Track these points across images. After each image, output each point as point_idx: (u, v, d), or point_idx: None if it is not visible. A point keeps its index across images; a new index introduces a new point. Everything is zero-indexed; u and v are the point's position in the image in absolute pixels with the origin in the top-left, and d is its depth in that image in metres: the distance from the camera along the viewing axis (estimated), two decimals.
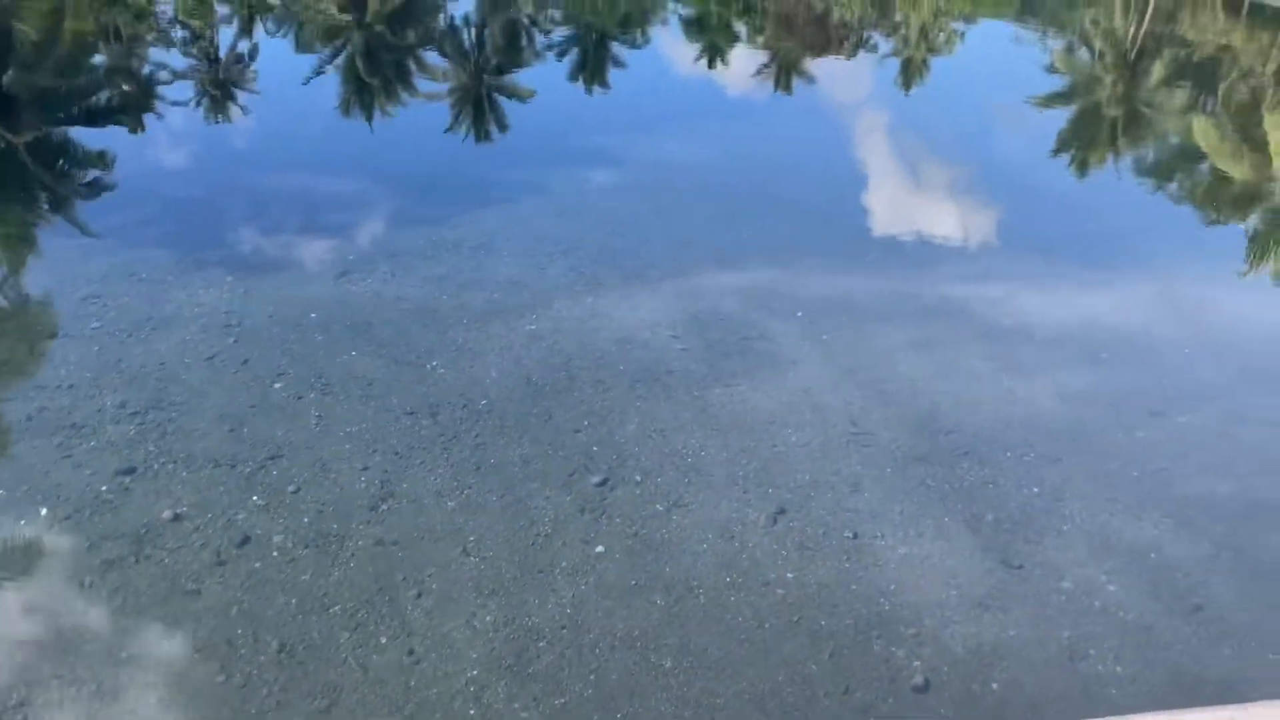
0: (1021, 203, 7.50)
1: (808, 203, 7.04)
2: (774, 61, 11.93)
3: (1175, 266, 6.45)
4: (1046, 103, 10.70)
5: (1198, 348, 5.26)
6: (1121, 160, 9.17)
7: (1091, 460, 4.20)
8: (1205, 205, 8.02)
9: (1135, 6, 16.16)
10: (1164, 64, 12.83)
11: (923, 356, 4.88)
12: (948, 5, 15.86)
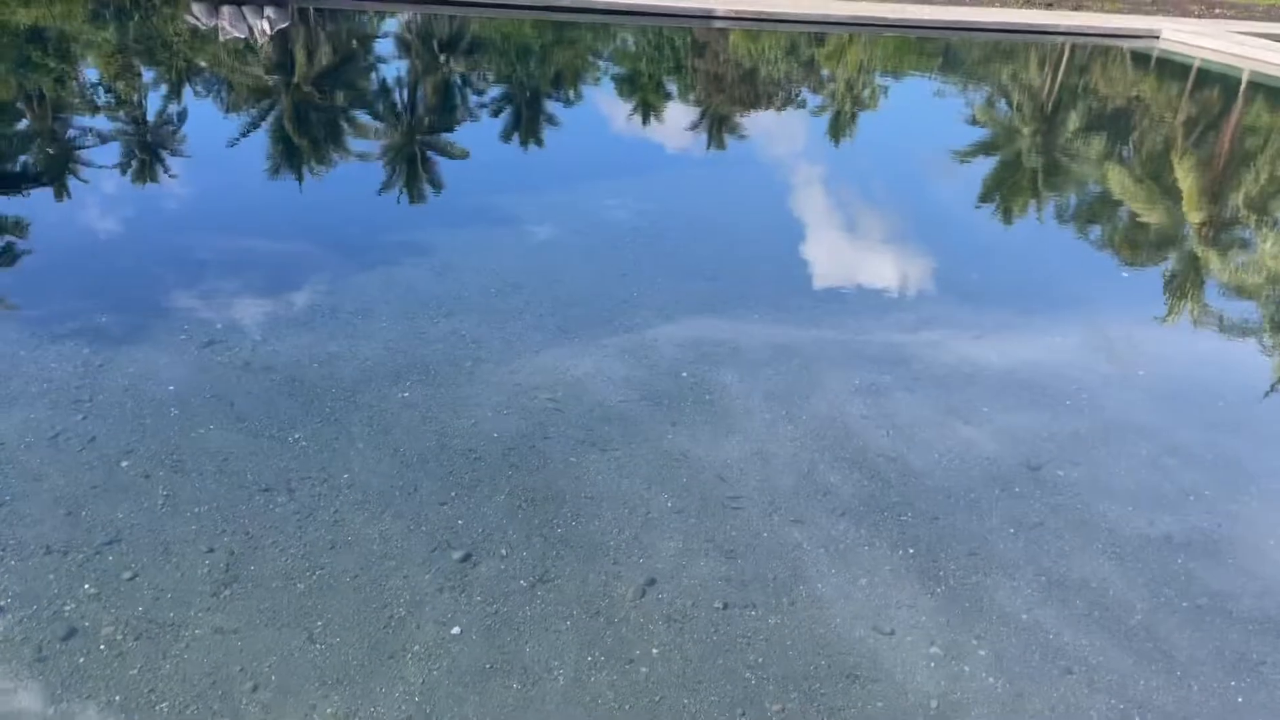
0: (951, 251, 7.67)
1: (729, 254, 7.04)
2: (705, 117, 12.07)
3: (1099, 311, 6.61)
4: (969, 154, 11.03)
5: (1112, 392, 5.35)
6: (1044, 208, 9.46)
7: (968, 518, 4.15)
8: (1124, 251, 8.28)
9: (1050, 60, 16.90)
10: (1079, 115, 13.34)
11: (800, 412, 4.83)
12: (870, 61, 16.28)
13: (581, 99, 12.69)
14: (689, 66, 15.24)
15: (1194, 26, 17.86)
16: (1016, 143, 11.85)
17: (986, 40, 17.61)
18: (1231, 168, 11.06)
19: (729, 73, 14.73)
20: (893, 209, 8.85)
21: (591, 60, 15.36)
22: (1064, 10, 21.31)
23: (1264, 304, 7.18)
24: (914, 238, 7.98)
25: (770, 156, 10.66)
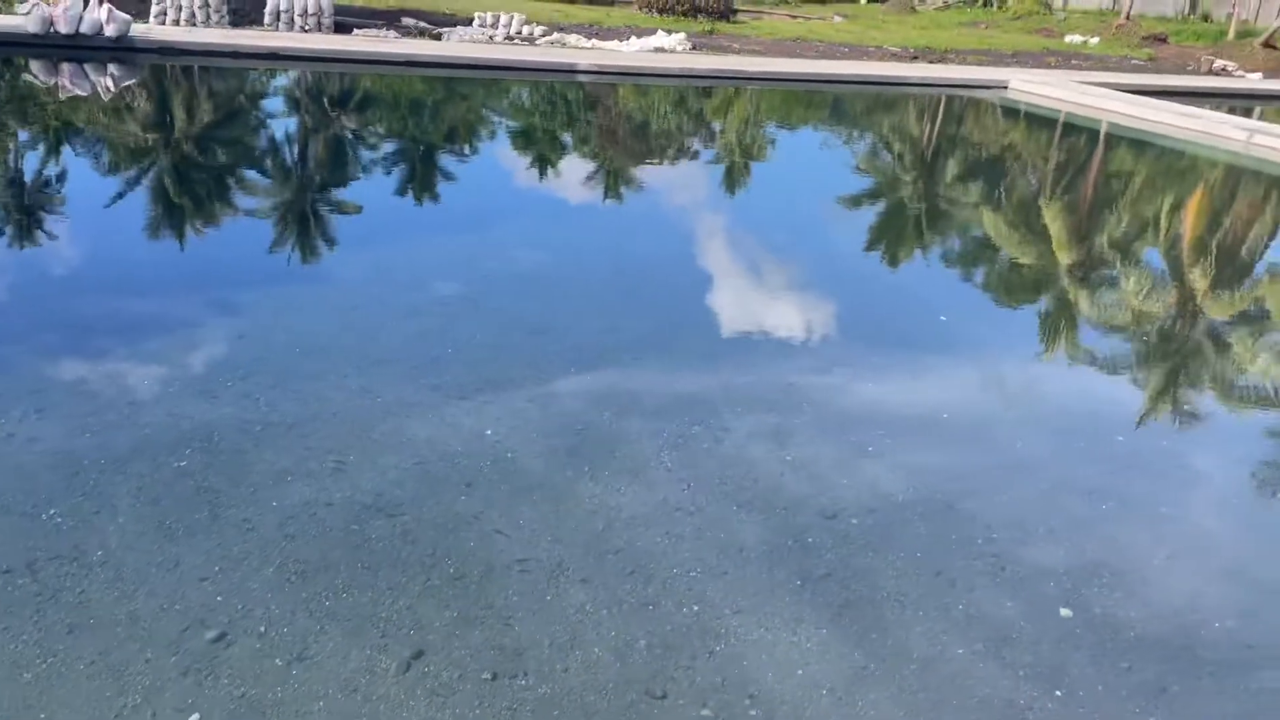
0: (845, 295, 7.86)
1: (622, 303, 7.05)
2: (601, 170, 12.10)
3: (984, 349, 6.91)
4: (855, 202, 11.32)
5: (1003, 428, 5.57)
6: (929, 252, 9.75)
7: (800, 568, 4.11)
8: (1003, 292, 8.63)
9: (928, 111, 17.48)
10: (957, 163, 13.88)
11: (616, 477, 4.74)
12: (756, 114, 16.66)
13: (477, 153, 12.63)
14: (582, 120, 15.33)
15: (1039, 76, 18.78)
16: (896, 190, 12.18)
17: (848, 92, 18.18)
18: (1091, 211, 11.50)
19: (621, 126, 14.87)
20: (784, 256, 9.00)
21: (485, 114, 15.32)
22: (921, 63, 22.23)
23: (1132, 340, 7.47)
24: (808, 283, 8.14)
25: (665, 207, 10.74)
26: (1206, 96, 20.04)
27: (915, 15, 34.06)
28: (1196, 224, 11.36)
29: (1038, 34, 30.42)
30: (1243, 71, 25.44)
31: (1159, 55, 27.74)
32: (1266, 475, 5.41)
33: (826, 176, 12.98)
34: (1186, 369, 7.05)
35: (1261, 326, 8.04)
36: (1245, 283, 9.25)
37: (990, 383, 6.36)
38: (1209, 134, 14.64)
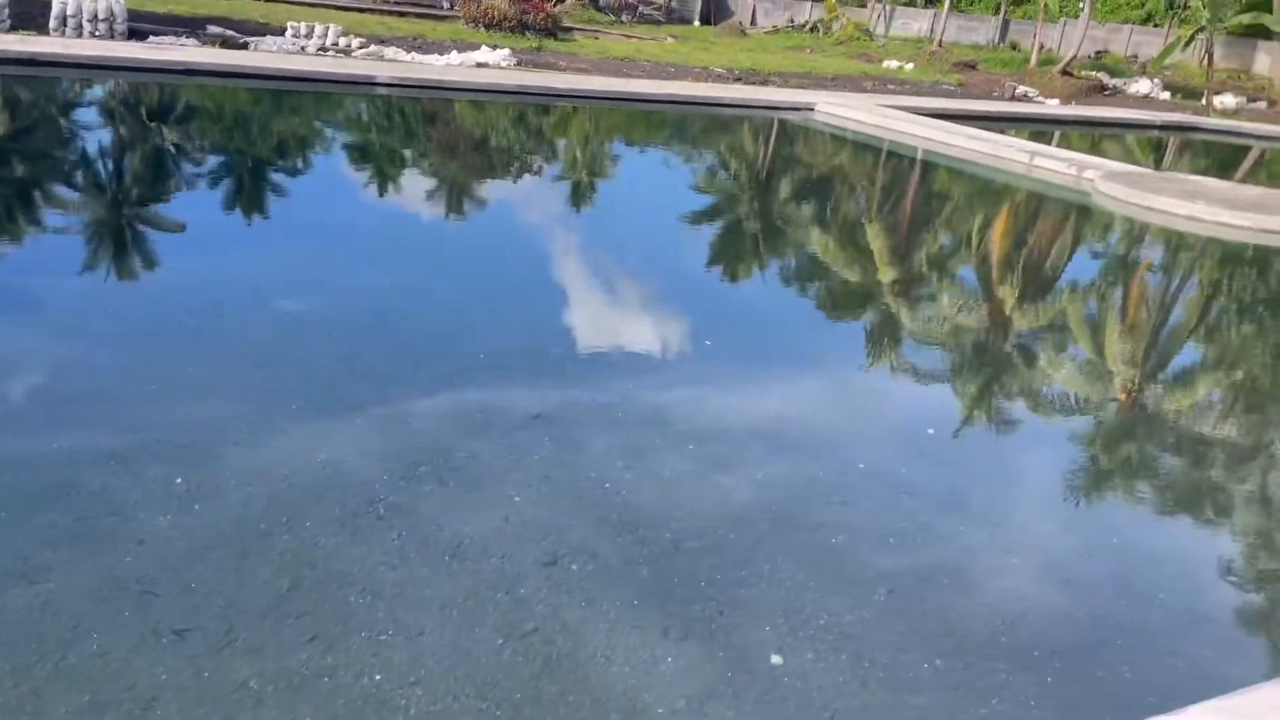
0: (693, 312, 7.97)
1: (465, 324, 6.90)
2: (443, 186, 11.80)
3: (823, 362, 7.23)
4: (696, 220, 11.50)
5: (842, 437, 5.83)
6: (766, 269, 10.02)
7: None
8: (834, 307, 8.94)
9: (762, 133, 17.92)
10: (790, 183, 14.27)
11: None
12: (596, 131, 16.63)
13: (311, 168, 12.11)
14: (420, 135, 14.97)
15: (843, 100, 19.48)
16: (734, 209, 12.45)
17: (659, 111, 18.37)
18: (876, 227, 12.05)
19: (461, 142, 14.58)
20: (632, 274, 9.03)
21: (318, 128, 14.75)
22: (744, 85, 22.68)
23: (950, 351, 7.88)
24: (655, 301, 8.21)
25: (509, 225, 10.57)
26: (1009, 121, 21.20)
27: (745, 39, 34.90)
28: (986, 240, 12.11)
29: (858, 59, 31.61)
30: (1042, 97, 27.00)
31: (968, 81, 29.23)
32: (1073, 476, 5.75)
33: (623, 192, 13.04)
34: (998, 378, 7.45)
35: (1061, 337, 8.55)
36: (1040, 295, 9.82)
37: (824, 394, 6.62)
38: (995, 155, 15.43)
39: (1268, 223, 12.00)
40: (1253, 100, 27.76)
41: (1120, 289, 10.46)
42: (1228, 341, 9.11)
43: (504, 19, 25.63)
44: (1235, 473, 6.14)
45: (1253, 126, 23.78)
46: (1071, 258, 11.63)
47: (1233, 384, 7.83)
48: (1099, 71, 31.28)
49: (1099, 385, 7.45)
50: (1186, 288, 10.86)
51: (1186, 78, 30.47)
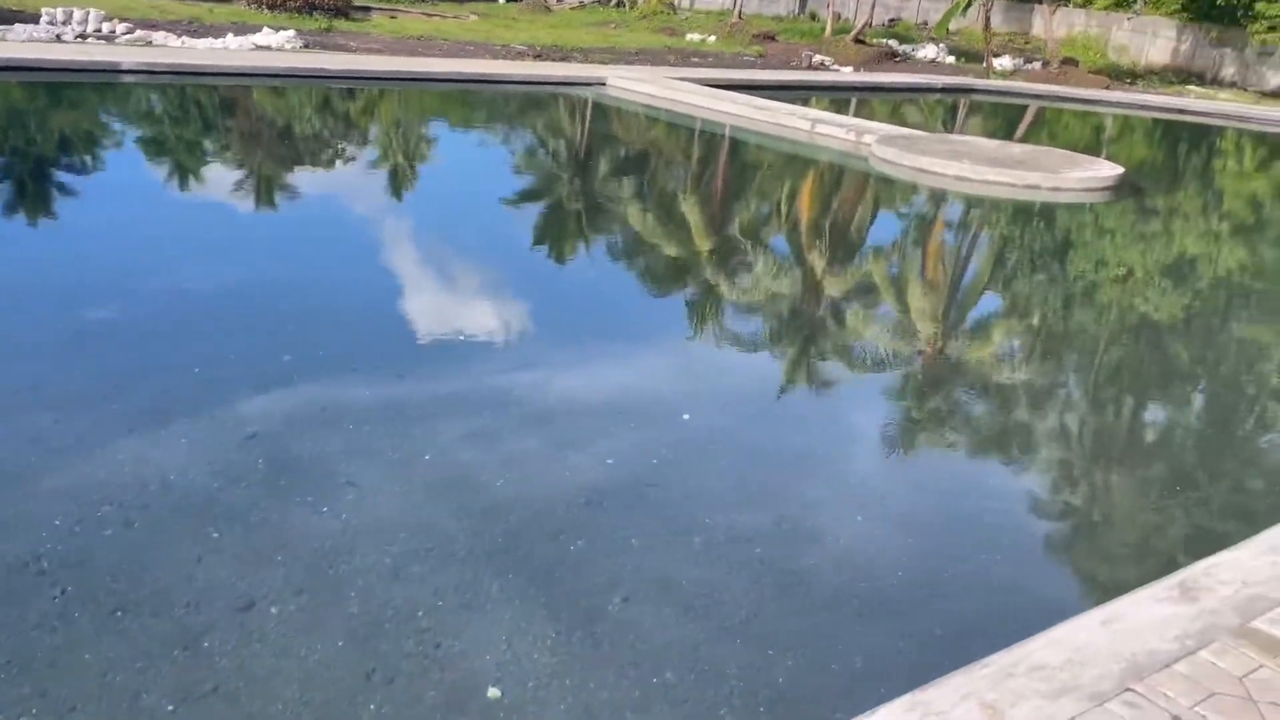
0: (527, 293, 8.06)
1: (291, 319, 6.68)
2: (251, 178, 11.22)
3: (656, 336, 7.47)
4: (518, 201, 11.38)
5: (678, 407, 5.94)
6: (592, 247, 10.10)
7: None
8: (658, 282, 9.11)
9: (579, 112, 17.81)
10: (608, 160, 14.24)
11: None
12: (408, 115, 16.17)
13: (102, 165, 11.29)
14: (219, 126, 14.18)
15: (634, 73, 19.53)
16: (554, 189, 12.40)
17: (447, 90, 17.93)
18: (673, 197, 12.33)
19: (264, 130, 13.92)
20: (461, 258, 8.97)
21: (105, 122, 13.75)
22: (545, 61, 22.40)
23: (767, 318, 8.18)
24: (488, 284, 8.21)
25: (329, 214, 10.18)
26: (804, 89, 21.76)
27: (549, 15, 34.57)
28: (766, 205, 12.59)
29: (662, 33, 31.81)
30: (838, 66, 27.79)
31: (768, 52, 29.85)
32: (889, 427, 6.20)
33: (379, 177, 12.78)
34: (814, 339, 7.84)
35: (868, 299, 9.04)
36: (808, 258, 10.23)
37: (658, 366, 6.84)
38: (778, 124, 15.79)
39: (1029, 178, 12.70)
40: (1029, 61, 29.45)
41: (890, 247, 10.91)
42: (1001, 289, 9.82)
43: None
44: (1037, 412, 6.65)
45: (1026, 86, 25.23)
46: (847, 219, 12.02)
47: (1015, 328, 8.45)
48: (890, 39, 32.51)
49: (883, 340, 7.89)
50: (954, 243, 11.44)
51: (971, 42, 32.04)
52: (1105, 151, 18.70)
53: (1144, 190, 14.61)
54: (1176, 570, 4.05)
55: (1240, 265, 11.26)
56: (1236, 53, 28.50)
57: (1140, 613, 3.69)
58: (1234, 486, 5.78)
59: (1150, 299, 9.65)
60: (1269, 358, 8.16)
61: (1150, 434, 6.56)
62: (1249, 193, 16.03)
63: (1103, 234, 12.10)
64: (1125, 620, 3.64)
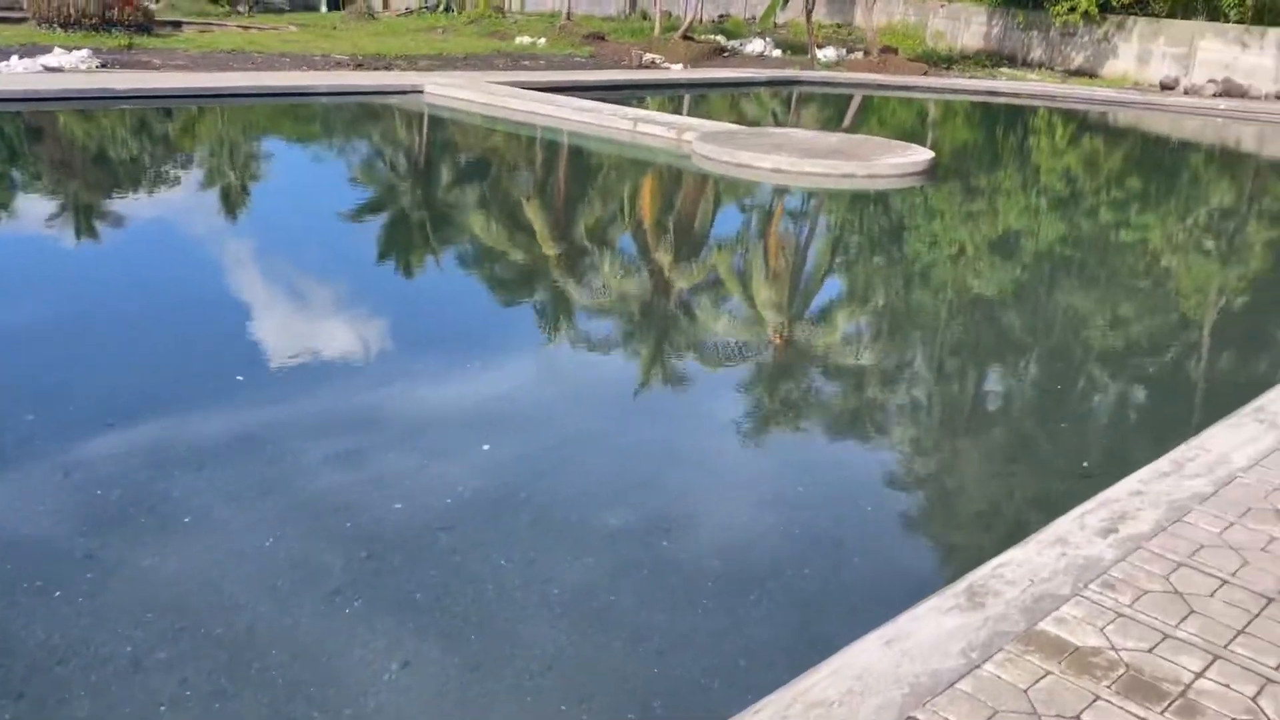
0: (380, 308, 7.91)
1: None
2: (69, 207, 10.45)
3: (514, 343, 7.43)
4: (358, 214, 11.03)
5: (549, 411, 6.13)
6: (441, 257, 9.89)
7: None
8: (507, 288, 9.03)
9: (393, 122, 17.18)
10: (449, 169, 13.92)
11: None
12: (231, 132, 15.38)
13: None
14: (25, 153, 12.97)
15: (452, 79, 18.96)
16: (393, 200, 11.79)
17: (253, 105, 16.96)
18: (491, 203, 11.98)
19: (77, 157, 12.80)
20: (308, 275, 8.66)
21: None
22: (366, 70, 21.52)
23: (619, 319, 8.13)
24: (339, 301, 7.96)
25: (164, 240, 9.64)
26: (633, 88, 21.61)
27: (373, 22, 33.56)
28: (590, 206, 12.35)
29: (491, 37, 31.28)
30: (668, 63, 27.81)
31: (599, 52, 29.69)
32: (749, 416, 6.31)
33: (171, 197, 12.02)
34: (669, 336, 7.84)
35: (716, 292, 9.09)
36: (620, 256, 10.16)
37: (521, 373, 6.83)
38: (600, 125, 15.54)
39: (844, 167, 12.80)
40: (852, 51, 30.14)
41: (707, 242, 10.79)
42: (826, 276, 9.85)
43: (83, 16, 22.89)
44: (888, 391, 6.88)
45: (849, 75, 25.79)
46: (668, 217, 11.86)
47: (843, 313, 8.52)
48: (719, 35, 32.81)
49: (709, 332, 7.76)
50: (775, 234, 11.41)
51: (797, 35, 32.61)
52: (925, 136, 19.20)
53: (956, 172, 14.98)
54: (967, 573, 3.89)
55: (1052, 238, 11.59)
56: (1043, 35, 29.86)
57: (925, 627, 3.49)
58: (1040, 471, 5.77)
59: (967, 277, 9.83)
60: (1078, 333, 8.33)
61: (964, 416, 6.54)
62: (1057, 168, 16.67)
63: (916, 217, 12.31)
64: (910, 638, 3.44)
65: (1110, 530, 4.18)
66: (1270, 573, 3.91)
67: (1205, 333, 8.48)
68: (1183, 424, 6.24)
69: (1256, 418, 5.46)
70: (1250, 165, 18.89)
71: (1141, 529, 4.20)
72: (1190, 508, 4.41)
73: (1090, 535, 4.14)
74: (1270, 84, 25.35)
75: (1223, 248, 11.77)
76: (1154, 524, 4.25)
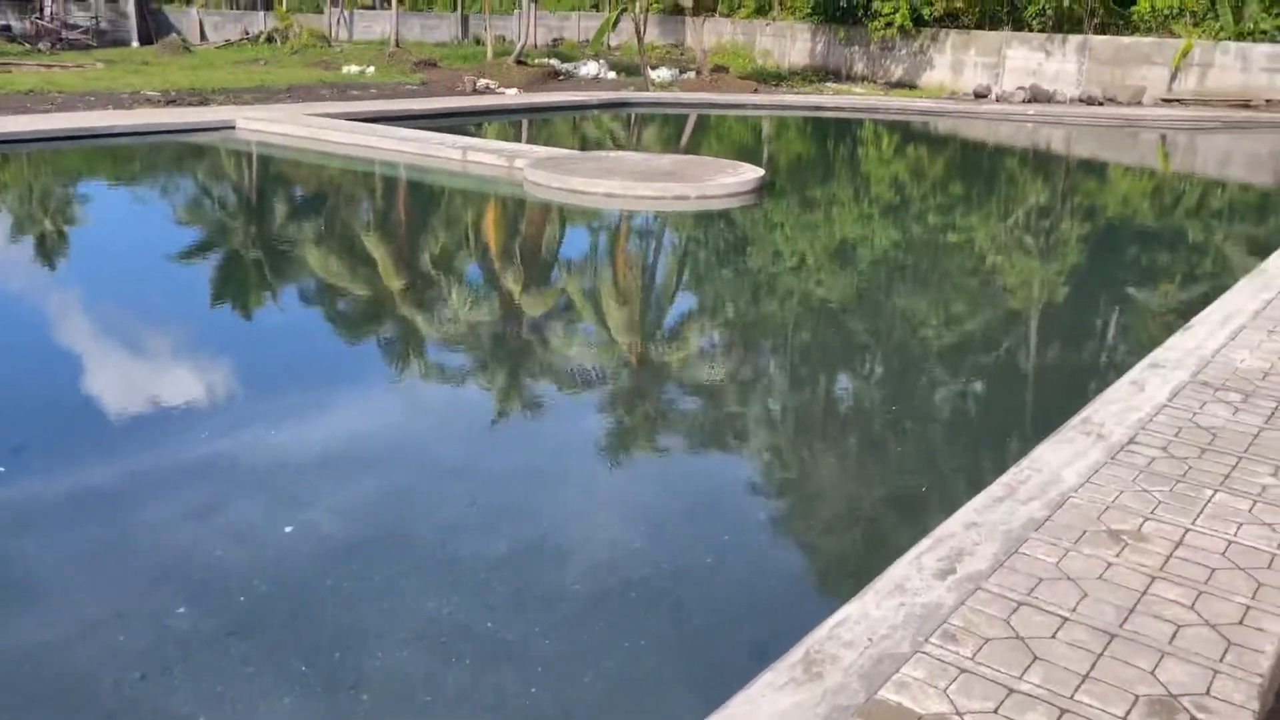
0: (224, 351, 7.63)
1: None
2: None
3: (366, 381, 7.24)
4: (188, 256, 10.48)
5: (405, 448, 6.08)
6: (281, 296, 9.44)
7: None
8: (353, 325, 8.62)
9: (223, 162, 16.17)
10: (261, 210, 13.18)
11: None
12: (37, 174, 14.39)
13: None
14: None
15: (267, 113, 18.04)
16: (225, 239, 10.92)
17: (38, 150, 15.60)
18: (304, 240, 11.44)
19: None
20: (140, 324, 8.22)
21: None
22: (179, 106, 20.26)
23: (470, 349, 7.97)
24: (177, 348, 7.68)
25: None
26: (464, 115, 21.07)
27: (190, 56, 31.92)
28: (423, 241, 11.81)
29: (316, 67, 30.21)
30: (502, 89, 27.38)
31: (430, 79, 29.04)
32: (605, 438, 6.30)
33: None
34: (520, 363, 7.74)
35: (568, 317, 8.98)
36: (482, 287, 9.84)
37: (376, 410, 6.62)
38: (428, 154, 14.98)
39: (676, 189, 12.65)
40: (685, 71, 30.40)
41: (539, 273, 10.46)
42: (662, 299, 9.61)
43: None
44: (743, 404, 6.94)
45: (681, 95, 25.96)
46: (501, 247, 11.46)
47: (681, 334, 8.35)
48: (553, 58, 32.61)
49: (547, 359, 7.36)
50: (608, 259, 11.13)
51: (631, 57, 32.70)
52: (758, 153, 19.38)
53: (787, 188, 15.09)
54: (804, 637, 3.60)
55: (878, 250, 11.71)
56: (863, 49, 30.84)
57: (761, 711, 3.18)
58: (878, 503, 5.60)
59: (795, 296, 9.79)
60: (906, 351, 8.31)
61: (794, 450, 6.34)
62: (884, 177, 17.05)
63: (748, 236, 12.28)
64: None
65: (948, 571, 3.98)
66: (1109, 603, 3.78)
67: (1032, 341, 8.62)
68: (1015, 438, 6.22)
69: (1084, 429, 5.42)
70: (1061, 166, 19.82)
71: (979, 566, 4.02)
72: (1026, 536, 4.27)
73: (929, 578, 3.93)
74: (1072, 88, 26.83)
75: (1043, 248, 12.15)
76: (992, 559, 4.08)
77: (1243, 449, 5.19)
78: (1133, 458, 5.06)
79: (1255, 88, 24.72)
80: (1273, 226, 14.06)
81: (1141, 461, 5.02)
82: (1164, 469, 4.94)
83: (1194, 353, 6.69)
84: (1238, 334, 7.07)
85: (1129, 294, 10.20)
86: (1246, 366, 6.43)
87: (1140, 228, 13.90)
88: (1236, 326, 7.23)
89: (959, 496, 4.83)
